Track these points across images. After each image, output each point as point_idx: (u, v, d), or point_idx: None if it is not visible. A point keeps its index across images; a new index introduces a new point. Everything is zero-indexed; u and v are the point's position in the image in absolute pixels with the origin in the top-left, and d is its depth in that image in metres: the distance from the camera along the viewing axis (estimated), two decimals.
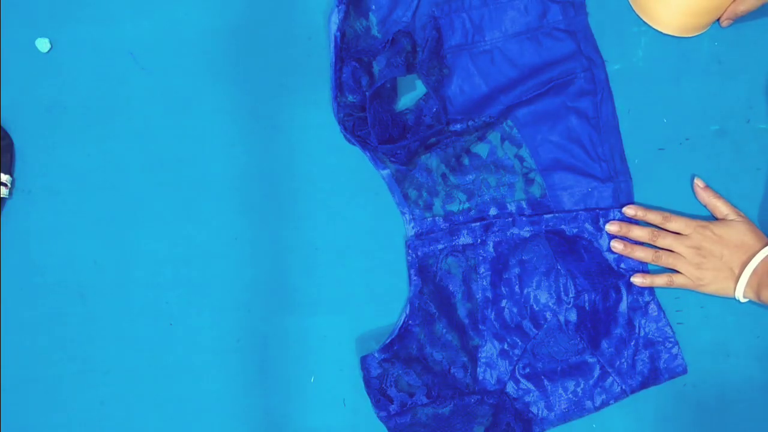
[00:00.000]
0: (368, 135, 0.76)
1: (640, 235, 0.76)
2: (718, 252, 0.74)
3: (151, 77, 0.80)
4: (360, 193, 0.79)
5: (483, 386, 0.77)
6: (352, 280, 0.78)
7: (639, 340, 0.76)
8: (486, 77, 0.78)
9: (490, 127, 0.78)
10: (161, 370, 0.79)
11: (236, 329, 0.79)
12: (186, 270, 0.79)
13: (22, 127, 0.80)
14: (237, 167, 0.79)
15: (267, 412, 0.78)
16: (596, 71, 0.77)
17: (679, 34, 0.77)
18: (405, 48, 0.77)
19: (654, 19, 0.77)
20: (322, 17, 0.80)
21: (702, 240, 0.74)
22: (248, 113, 0.79)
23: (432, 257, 0.77)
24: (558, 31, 0.78)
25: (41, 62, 0.80)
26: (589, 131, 0.77)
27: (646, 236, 0.76)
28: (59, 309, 0.79)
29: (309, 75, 0.79)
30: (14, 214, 0.79)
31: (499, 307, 0.77)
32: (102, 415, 0.79)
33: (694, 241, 0.74)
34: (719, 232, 0.74)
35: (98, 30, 0.80)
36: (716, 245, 0.74)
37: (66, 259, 0.79)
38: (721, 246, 0.74)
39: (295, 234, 0.79)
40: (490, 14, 0.78)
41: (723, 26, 0.77)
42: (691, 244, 0.74)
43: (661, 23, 0.77)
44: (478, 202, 0.78)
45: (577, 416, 0.76)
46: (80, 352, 0.79)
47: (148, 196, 0.79)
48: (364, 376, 0.76)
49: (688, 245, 0.75)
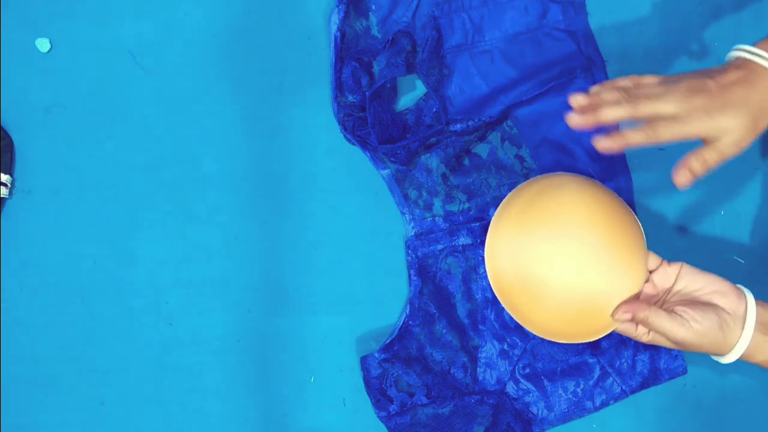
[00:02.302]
0: (368, 135, 0.76)
1: (611, 98, 0.63)
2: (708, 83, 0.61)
3: (151, 77, 0.80)
4: (360, 193, 0.79)
5: (483, 386, 0.77)
6: (352, 280, 0.78)
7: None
8: (486, 77, 0.78)
9: (490, 127, 0.78)
10: (161, 370, 0.79)
11: (236, 329, 0.79)
12: (186, 270, 0.79)
13: (22, 127, 0.80)
14: (237, 167, 0.79)
15: (267, 412, 0.78)
16: (596, 71, 0.77)
17: (559, 340, 0.68)
18: (405, 48, 0.77)
19: (530, 324, 0.68)
20: (322, 17, 0.80)
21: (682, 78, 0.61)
22: (248, 113, 0.79)
23: (432, 257, 0.77)
24: (558, 31, 0.78)
25: (41, 62, 0.80)
26: (588, 131, 0.77)
27: (619, 96, 0.62)
28: (59, 309, 0.79)
29: (309, 75, 0.79)
30: (14, 214, 0.79)
31: (499, 307, 0.77)
32: (102, 415, 0.79)
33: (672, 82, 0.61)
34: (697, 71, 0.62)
35: (98, 30, 0.80)
36: (698, 74, 0.62)
37: (66, 259, 0.79)
38: (703, 74, 0.61)
39: (294, 234, 0.79)
40: (490, 14, 0.78)
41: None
42: (673, 86, 0.61)
43: (536, 328, 0.68)
44: (478, 203, 0.78)
45: (577, 416, 0.76)
46: (80, 352, 0.79)
47: (148, 196, 0.79)
48: (364, 376, 0.76)
49: (666, 81, 0.62)
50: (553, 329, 0.68)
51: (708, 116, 0.60)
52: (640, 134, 0.61)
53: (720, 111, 0.60)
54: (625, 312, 0.63)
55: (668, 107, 0.60)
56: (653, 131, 0.61)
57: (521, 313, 0.68)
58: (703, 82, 0.60)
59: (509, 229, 0.68)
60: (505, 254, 0.68)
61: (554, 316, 0.66)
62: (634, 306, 0.63)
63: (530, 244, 0.66)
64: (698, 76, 0.61)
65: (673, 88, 0.61)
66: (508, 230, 0.68)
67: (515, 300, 0.68)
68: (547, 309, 0.66)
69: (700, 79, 0.61)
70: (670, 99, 0.60)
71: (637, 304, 0.63)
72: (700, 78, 0.61)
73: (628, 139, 0.61)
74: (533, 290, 0.66)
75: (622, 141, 0.61)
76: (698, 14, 0.78)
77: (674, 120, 0.60)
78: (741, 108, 0.60)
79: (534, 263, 0.66)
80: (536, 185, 0.70)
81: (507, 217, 0.69)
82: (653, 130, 0.61)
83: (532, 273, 0.66)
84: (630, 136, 0.61)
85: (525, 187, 0.71)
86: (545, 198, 0.68)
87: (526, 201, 0.69)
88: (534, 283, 0.66)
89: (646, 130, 0.61)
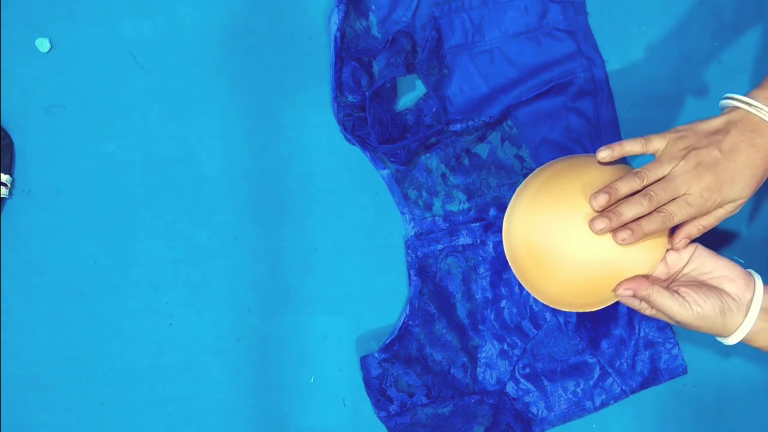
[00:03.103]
0: (368, 135, 0.76)
1: (628, 189, 0.63)
2: (712, 150, 0.62)
3: (151, 77, 0.80)
4: (360, 193, 0.79)
5: (483, 386, 0.77)
6: (352, 280, 0.78)
7: (639, 341, 0.76)
8: (486, 77, 0.78)
9: (490, 127, 0.78)
10: (161, 370, 0.79)
11: (236, 329, 0.79)
12: (186, 270, 0.79)
13: (22, 127, 0.80)
14: (237, 167, 0.79)
15: (267, 412, 0.78)
16: (596, 71, 0.77)
17: (571, 309, 0.68)
18: (405, 48, 0.77)
19: (541, 295, 0.68)
20: (322, 17, 0.80)
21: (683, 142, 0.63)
22: (248, 113, 0.79)
23: (432, 257, 0.77)
24: (558, 31, 0.78)
25: (41, 62, 0.80)
26: (589, 131, 0.77)
27: (635, 185, 0.63)
28: (59, 309, 0.79)
29: (309, 75, 0.79)
30: (14, 214, 0.79)
31: (499, 308, 0.77)
32: (102, 415, 0.79)
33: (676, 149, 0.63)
34: (701, 127, 0.63)
35: (98, 30, 0.80)
36: (704, 140, 0.63)
37: (66, 259, 0.79)
38: (708, 140, 0.62)
39: (294, 234, 0.79)
40: (490, 14, 0.78)
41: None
42: (676, 153, 0.63)
43: (550, 299, 0.68)
44: (478, 203, 0.78)
45: (577, 416, 0.76)
46: (80, 352, 0.79)
47: (148, 196, 0.79)
48: (364, 376, 0.76)
49: (673, 156, 0.63)
50: (564, 299, 0.67)
51: (719, 193, 0.62)
52: (655, 222, 0.62)
53: (730, 184, 0.62)
54: (626, 289, 0.64)
55: (682, 189, 0.62)
56: (669, 219, 0.62)
57: (536, 282, 0.68)
58: (711, 153, 0.62)
59: (526, 204, 0.68)
60: (521, 226, 0.67)
61: (565, 286, 0.66)
62: (636, 283, 0.63)
63: (548, 216, 0.66)
64: (703, 143, 0.62)
65: (684, 168, 0.62)
66: (524, 205, 0.68)
67: (529, 270, 0.68)
68: (558, 279, 0.66)
69: (707, 150, 0.62)
70: (682, 183, 0.62)
71: (639, 281, 0.63)
72: (707, 149, 0.62)
73: (645, 228, 0.62)
74: (548, 261, 0.66)
75: (639, 232, 0.62)
76: (698, 14, 0.78)
77: (687, 204, 0.62)
78: (748, 174, 0.62)
79: (552, 235, 0.66)
80: (562, 163, 0.69)
81: (525, 193, 0.68)
82: (669, 217, 0.62)
83: (548, 244, 0.66)
84: (647, 226, 0.62)
85: (549, 164, 0.70)
86: (571, 168, 0.68)
87: (550, 174, 0.68)
88: (549, 255, 0.66)
89: (662, 218, 0.62)
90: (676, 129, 0.64)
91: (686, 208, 0.62)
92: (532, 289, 0.68)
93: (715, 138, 0.62)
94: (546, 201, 0.66)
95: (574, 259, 0.65)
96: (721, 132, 0.63)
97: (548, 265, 0.66)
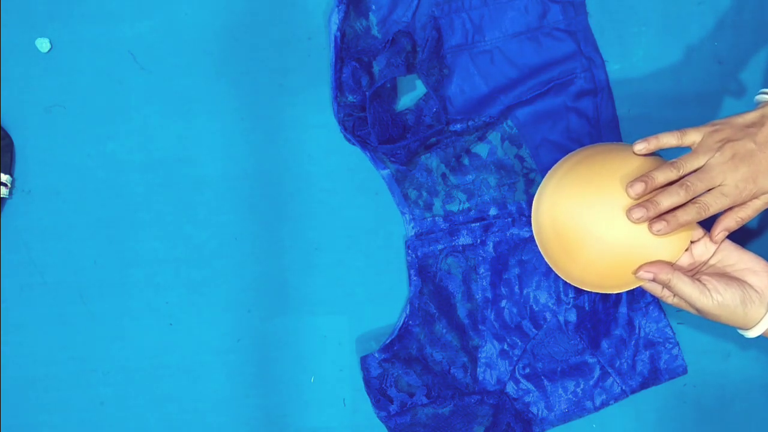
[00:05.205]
0: (368, 135, 0.76)
1: (664, 178, 0.63)
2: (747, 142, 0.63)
3: (151, 77, 0.80)
4: (360, 193, 0.79)
5: (483, 386, 0.77)
6: (352, 280, 0.78)
7: (639, 341, 0.76)
8: (486, 77, 0.78)
9: (491, 127, 0.78)
10: (161, 370, 0.79)
11: (236, 329, 0.79)
12: (186, 270, 0.79)
13: (22, 127, 0.80)
14: (237, 167, 0.79)
15: (267, 412, 0.78)
16: (596, 71, 0.77)
17: (594, 290, 0.69)
18: (405, 48, 0.77)
19: (565, 273, 0.69)
20: (322, 17, 0.80)
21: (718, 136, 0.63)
22: (248, 113, 0.79)
23: (432, 257, 0.77)
24: (558, 31, 0.78)
25: (41, 62, 0.80)
26: (589, 131, 0.77)
27: (672, 175, 0.63)
28: (59, 309, 0.79)
29: (309, 75, 0.79)
30: (14, 214, 0.79)
31: (499, 308, 0.77)
32: (102, 415, 0.79)
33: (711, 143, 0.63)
34: (736, 121, 0.64)
35: (98, 30, 0.80)
36: (739, 133, 0.63)
37: (66, 259, 0.79)
38: (744, 133, 0.63)
39: (295, 234, 0.79)
40: (490, 14, 0.78)
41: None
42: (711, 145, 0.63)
43: (573, 279, 0.68)
44: (478, 202, 0.78)
45: (577, 416, 0.77)
46: (80, 352, 0.79)
47: (148, 196, 0.79)
48: (364, 376, 0.76)
49: (709, 147, 0.63)
50: (587, 279, 0.68)
51: (754, 183, 0.63)
52: (690, 212, 0.62)
53: (765, 175, 0.63)
54: (646, 271, 0.64)
55: (717, 180, 0.63)
56: (704, 209, 0.63)
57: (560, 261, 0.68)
58: (746, 145, 0.62)
59: (555, 184, 0.68)
60: (549, 206, 0.68)
61: (589, 267, 0.67)
62: (657, 267, 0.63)
63: (577, 198, 0.66)
64: (738, 136, 0.63)
65: (719, 160, 0.63)
66: (554, 185, 0.68)
67: (554, 248, 0.68)
68: (581, 260, 0.67)
69: (742, 142, 0.63)
70: (717, 174, 0.62)
71: (661, 265, 0.64)
72: (742, 141, 0.63)
73: (680, 219, 0.62)
74: (573, 241, 0.67)
75: (675, 222, 0.62)
76: (698, 14, 0.78)
77: (722, 195, 0.62)
78: None
79: (579, 216, 0.66)
80: (593, 149, 0.70)
81: (556, 174, 0.69)
82: (704, 208, 0.62)
83: (576, 224, 0.66)
84: (682, 217, 0.62)
85: (581, 150, 0.70)
86: (602, 154, 0.68)
87: (582, 158, 0.69)
88: (575, 235, 0.66)
89: (697, 209, 0.62)
90: (712, 123, 0.65)
91: (721, 198, 0.62)
92: (556, 267, 0.69)
93: (750, 131, 0.63)
94: (576, 183, 0.67)
95: (599, 241, 0.65)
96: (756, 125, 0.63)
97: (573, 245, 0.67)
